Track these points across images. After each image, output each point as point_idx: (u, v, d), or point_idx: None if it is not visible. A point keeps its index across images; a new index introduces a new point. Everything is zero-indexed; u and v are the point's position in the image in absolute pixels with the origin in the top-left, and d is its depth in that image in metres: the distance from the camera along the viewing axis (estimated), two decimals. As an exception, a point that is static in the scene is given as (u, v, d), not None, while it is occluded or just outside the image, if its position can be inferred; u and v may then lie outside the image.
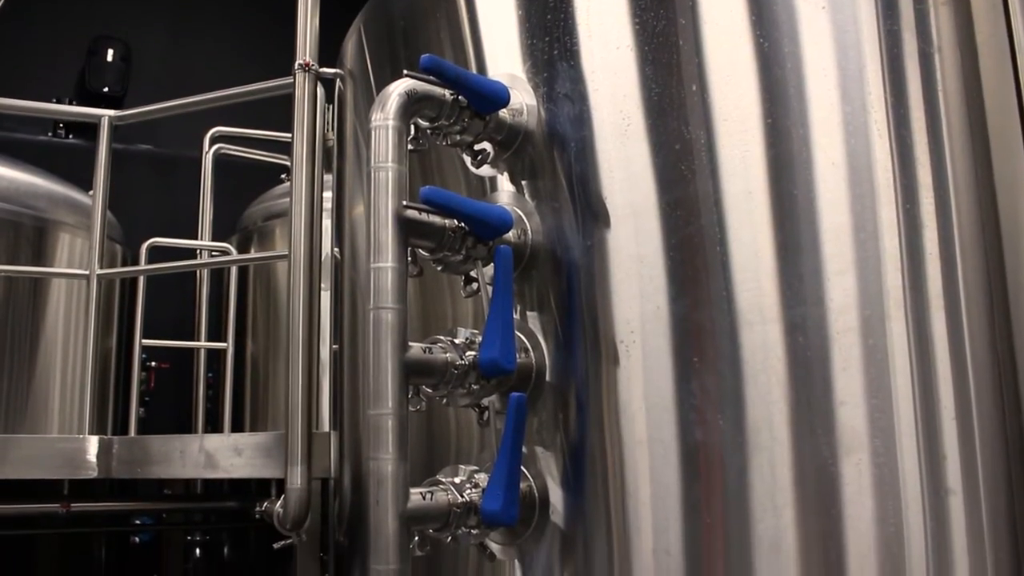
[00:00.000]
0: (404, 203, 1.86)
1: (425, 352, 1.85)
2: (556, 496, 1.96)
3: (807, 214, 1.86)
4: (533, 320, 2.04)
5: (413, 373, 1.82)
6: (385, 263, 1.82)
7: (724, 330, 1.85)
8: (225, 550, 5.20)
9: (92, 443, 3.41)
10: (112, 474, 3.39)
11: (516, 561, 2.02)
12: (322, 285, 3.55)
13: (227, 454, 3.12)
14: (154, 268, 4.27)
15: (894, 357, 1.80)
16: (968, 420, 1.83)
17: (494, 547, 2.01)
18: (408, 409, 1.81)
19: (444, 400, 1.95)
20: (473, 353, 1.90)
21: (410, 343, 1.84)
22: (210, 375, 5.67)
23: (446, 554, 2.19)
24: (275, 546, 2.95)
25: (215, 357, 5.48)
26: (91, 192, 3.89)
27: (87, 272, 3.62)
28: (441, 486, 1.87)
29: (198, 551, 5.03)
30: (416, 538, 1.85)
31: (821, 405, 1.80)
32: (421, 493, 1.83)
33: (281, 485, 2.98)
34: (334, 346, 3.34)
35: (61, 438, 3.57)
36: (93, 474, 3.39)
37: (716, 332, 1.86)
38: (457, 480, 1.90)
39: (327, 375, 3.51)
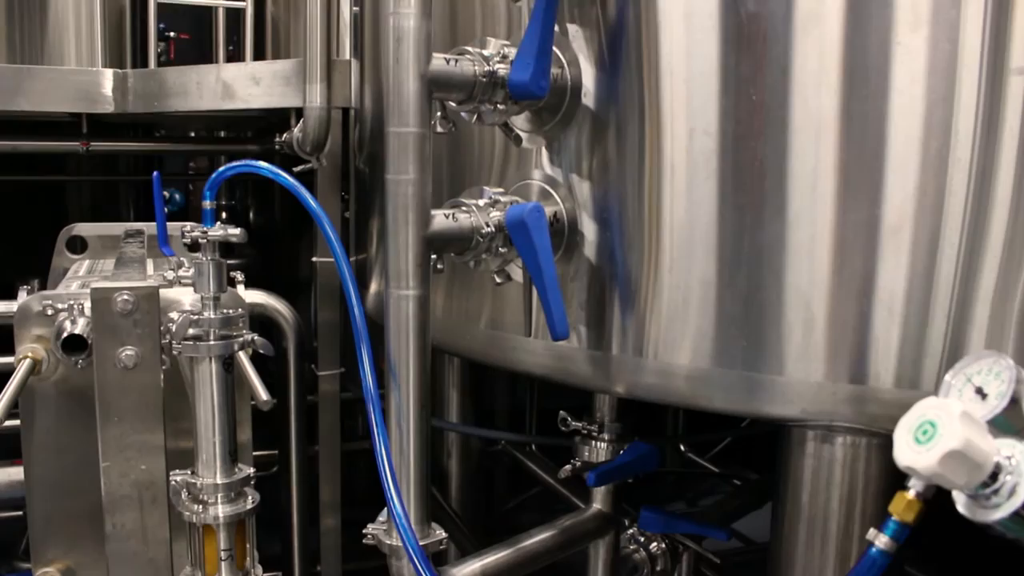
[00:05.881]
0: None
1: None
2: (588, 77, 1.84)
3: None
4: None
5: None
6: None
7: None
8: (251, 215, 5.26)
9: (107, 76, 3.31)
10: (128, 108, 3.30)
11: (543, 149, 1.93)
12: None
13: (245, 83, 3.00)
14: None
15: None
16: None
17: (521, 133, 1.91)
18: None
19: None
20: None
21: None
22: (231, 48, 5.49)
23: (470, 144, 2.11)
24: (294, 170, 2.89)
25: (235, 28, 5.27)
26: None
27: None
28: (468, 55, 1.75)
29: (224, 216, 5.08)
30: (439, 113, 1.76)
31: (887, -30, 1.62)
32: (445, 59, 1.71)
33: (301, 115, 2.90)
34: (355, 8, 3.16)
35: (76, 70, 3.46)
36: (109, 108, 3.31)
37: None
38: (486, 52, 1.77)
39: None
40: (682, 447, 4.84)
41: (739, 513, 3.07)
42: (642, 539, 2.50)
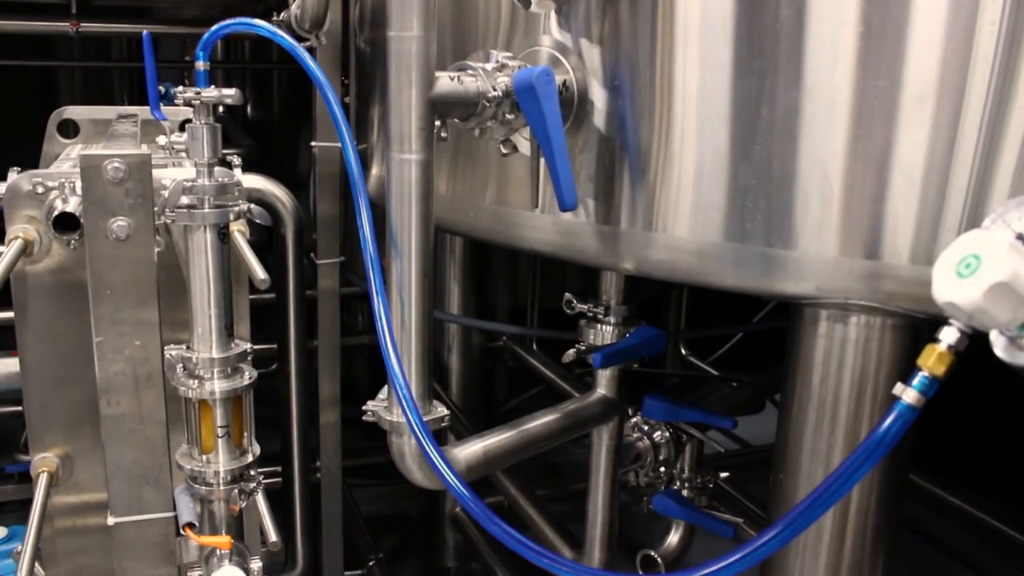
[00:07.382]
0: None
1: None
2: (601, -64, 1.75)
3: None
4: None
5: None
6: None
7: None
8: (249, 109, 5.15)
9: (97, -49, 3.20)
10: (120, -11, 3.21)
11: (552, 13, 1.84)
12: None
13: (240, -40, 2.90)
14: None
15: None
16: None
17: (531, -2, 1.83)
18: None
19: None
20: None
21: None
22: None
23: (474, 8, 2.02)
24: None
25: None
26: None
27: None
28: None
29: (221, 109, 4.96)
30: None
31: None
32: (450, -93, 1.62)
33: (300, -6, 2.79)
34: None
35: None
36: (100, -12, 3.21)
37: None
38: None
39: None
40: (683, 350, 4.83)
41: (741, 409, 3.05)
42: (646, 427, 2.48)
